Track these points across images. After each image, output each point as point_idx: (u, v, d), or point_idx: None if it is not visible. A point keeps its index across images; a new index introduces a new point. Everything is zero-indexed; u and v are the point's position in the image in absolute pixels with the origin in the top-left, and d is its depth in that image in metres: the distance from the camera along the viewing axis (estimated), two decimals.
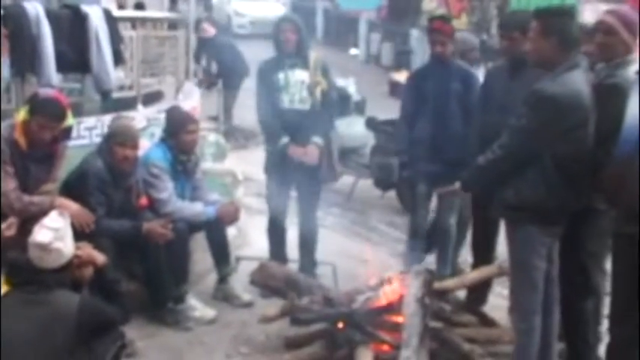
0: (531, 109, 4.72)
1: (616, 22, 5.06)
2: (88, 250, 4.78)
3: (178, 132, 6.52)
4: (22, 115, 5.64)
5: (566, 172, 4.72)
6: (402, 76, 19.97)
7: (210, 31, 14.28)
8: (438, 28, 6.77)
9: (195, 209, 6.60)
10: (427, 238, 7.14)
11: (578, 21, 4.98)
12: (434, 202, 7.17)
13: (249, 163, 10.31)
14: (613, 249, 4.73)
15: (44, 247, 4.37)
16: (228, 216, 6.80)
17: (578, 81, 4.73)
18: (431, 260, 7.13)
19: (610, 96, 4.84)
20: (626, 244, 4.51)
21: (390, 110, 13.55)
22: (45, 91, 5.97)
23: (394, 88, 19.78)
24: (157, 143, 6.69)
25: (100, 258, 4.81)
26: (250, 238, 8.18)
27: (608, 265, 5.04)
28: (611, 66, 5.05)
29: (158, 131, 6.89)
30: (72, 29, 6.97)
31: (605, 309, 5.21)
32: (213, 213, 6.64)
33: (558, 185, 4.73)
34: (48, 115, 5.57)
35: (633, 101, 4.46)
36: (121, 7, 12.39)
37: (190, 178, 6.73)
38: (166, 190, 6.46)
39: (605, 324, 5.16)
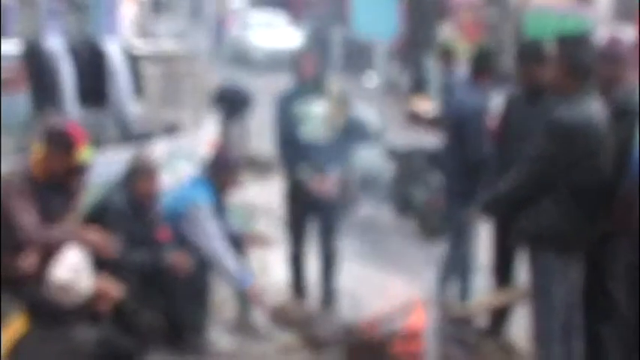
0: (547, 136, 4.74)
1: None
2: (106, 284, 4.79)
3: (223, 172, 6.43)
4: (38, 147, 5.69)
5: (582, 200, 4.73)
6: (420, 106, 20.01)
7: None
8: None
9: (232, 268, 6.28)
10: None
11: (593, 46, 4.97)
12: None
13: (269, 194, 10.33)
14: (626, 276, 4.71)
15: (64, 287, 4.39)
16: (257, 299, 6.49)
17: (593, 108, 4.74)
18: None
19: (627, 120, 4.88)
20: (636, 274, 4.49)
21: (408, 138, 13.60)
22: (57, 121, 6.00)
23: (412, 118, 19.77)
24: (200, 179, 6.51)
25: (118, 290, 4.82)
26: (271, 269, 8.17)
27: None
28: (629, 91, 5.07)
29: (179, 164, 6.89)
30: (92, 65, 7.05)
31: None
32: (242, 286, 6.38)
33: (574, 213, 4.73)
34: (56, 144, 5.57)
35: None
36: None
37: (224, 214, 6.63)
38: (216, 236, 6.27)
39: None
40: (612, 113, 4.90)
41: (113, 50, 7.17)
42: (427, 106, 19.64)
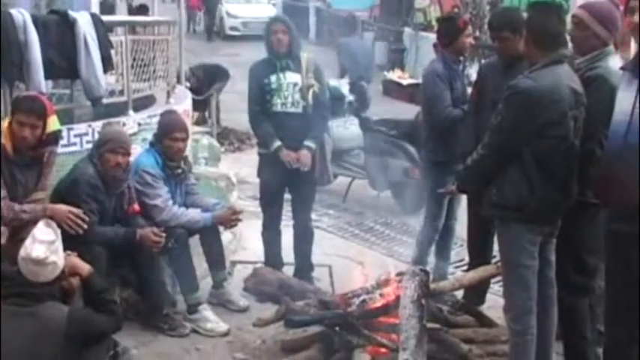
0: (506, 105, 4.71)
1: (587, 16, 5.03)
2: (74, 260, 4.73)
3: (163, 138, 6.47)
4: (6, 120, 5.60)
5: (547, 168, 4.68)
6: (395, 75, 20.01)
7: None
8: None
9: (192, 216, 6.50)
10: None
11: (564, 17, 4.92)
12: None
13: (244, 166, 10.29)
14: (605, 248, 4.68)
15: (40, 262, 4.34)
16: (226, 222, 6.71)
17: (559, 76, 4.69)
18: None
19: (593, 87, 4.84)
20: (618, 243, 4.47)
21: (383, 109, 13.57)
22: (26, 93, 5.93)
23: (388, 88, 19.77)
24: (147, 148, 6.62)
25: (85, 268, 4.75)
26: (246, 242, 8.14)
27: None
28: (589, 59, 5.02)
29: (150, 136, 6.83)
30: (60, 35, 6.89)
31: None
32: (210, 220, 6.56)
33: (540, 182, 4.69)
34: (26, 111, 5.48)
35: (620, 97, 4.42)
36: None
37: (181, 184, 6.66)
38: (160, 196, 6.38)
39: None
40: (584, 80, 4.87)
41: (83, 20, 7.01)
42: (404, 75, 19.69)
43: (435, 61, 6.82)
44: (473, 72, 7.05)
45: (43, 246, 4.38)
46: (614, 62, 4.92)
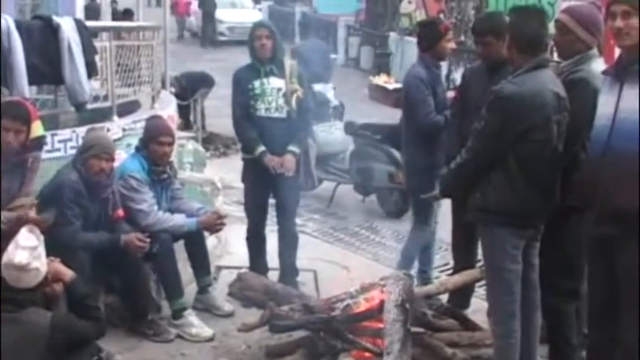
0: (489, 110, 4.72)
1: (569, 21, 5.07)
2: (57, 266, 4.72)
3: (149, 143, 6.46)
4: None
5: (530, 173, 4.70)
6: (381, 80, 20.04)
7: None
8: None
9: (177, 221, 6.50)
10: None
11: (546, 22, 4.94)
12: None
13: (230, 171, 10.27)
14: (588, 251, 4.71)
15: (22, 268, 4.33)
16: (210, 226, 6.71)
17: (542, 81, 4.71)
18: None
19: (576, 90, 4.86)
20: (600, 246, 4.50)
21: (369, 114, 13.59)
22: (10, 98, 5.91)
23: (374, 92, 19.80)
24: (133, 154, 6.62)
25: (68, 274, 4.74)
26: (231, 247, 8.13)
27: None
28: (572, 62, 5.05)
29: (135, 142, 6.82)
30: (44, 41, 6.87)
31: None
32: (194, 224, 6.56)
33: (523, 187, 4.71)
34: (10, 116, 5.47)
35: (602, 101, 4.46)
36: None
37: (167, 189, 6.66)
38: (145, 201, 6.37)
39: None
40: (567, 83, 4.90)
41: (66, 25, 6.99)
42: (390, 80, 19.73)
43: (417, 65, 6.83)
44: (458, 76, 7.07)
45: (26, 252, 4.37)
46: (598, 65, 4.94)
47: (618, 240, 4.38)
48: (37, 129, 5.68)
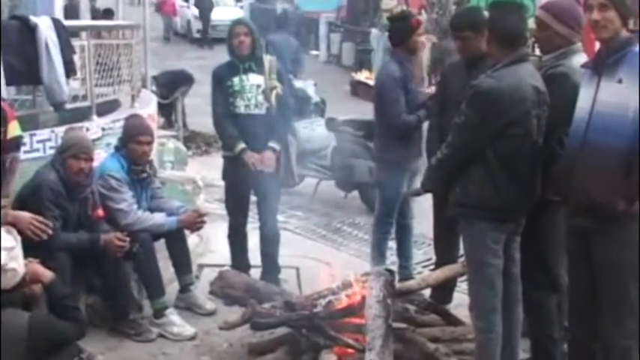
0: (468, 105, 4.73)
1: (546, 16, 5.06)
2: (35, 267, 4.69)
3: (128, 142, 6.44)
4: None
5: (511, 167, 4.71)
6: (363, 76, 20.05)
7: None
8: None
9: (157, 219, 6.48)
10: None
11: (526, 16, 4.95)
12: None
13: (211, 169, 10.23)
14: (566, 244, 4.72)
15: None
16: (191, 225, 6.70)
17: (521, 75, 4.71)
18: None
19: (555, 84, 4.86)
20: (577, 239, 4.52)
21: (351, 110, 13.58)
22: None
23: (356, 88, 19.81)
24: (112, 153, 6.59)
25: (47, 274, 4.71)
26: (213, 245, 8.11)
27: None
28: (553, 57, 5.05)
29: (114, 141, 6.79)
30: (21, 41, 6.84)
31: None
32: (175, 223, 6.54)
33: (504, 181, 4.71)
34: None
35: (581, 95, 4.48)
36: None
37: (146, 188, 6.63)
38: (125, 201, 6.35)
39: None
40: (548, 77, 4.89)
41: (44, 25, 6.95)
42: (371, 76, 19.72)
43: (391, 62, 6.84)
44: None
45: (3, 252, 4.35)
46: (579, 60, 4.91)
47: (593, 233, 4.40)
48: (14, 129, 5.63)
